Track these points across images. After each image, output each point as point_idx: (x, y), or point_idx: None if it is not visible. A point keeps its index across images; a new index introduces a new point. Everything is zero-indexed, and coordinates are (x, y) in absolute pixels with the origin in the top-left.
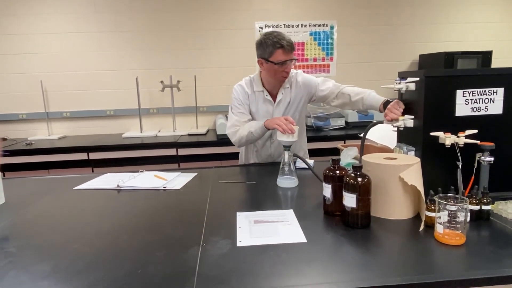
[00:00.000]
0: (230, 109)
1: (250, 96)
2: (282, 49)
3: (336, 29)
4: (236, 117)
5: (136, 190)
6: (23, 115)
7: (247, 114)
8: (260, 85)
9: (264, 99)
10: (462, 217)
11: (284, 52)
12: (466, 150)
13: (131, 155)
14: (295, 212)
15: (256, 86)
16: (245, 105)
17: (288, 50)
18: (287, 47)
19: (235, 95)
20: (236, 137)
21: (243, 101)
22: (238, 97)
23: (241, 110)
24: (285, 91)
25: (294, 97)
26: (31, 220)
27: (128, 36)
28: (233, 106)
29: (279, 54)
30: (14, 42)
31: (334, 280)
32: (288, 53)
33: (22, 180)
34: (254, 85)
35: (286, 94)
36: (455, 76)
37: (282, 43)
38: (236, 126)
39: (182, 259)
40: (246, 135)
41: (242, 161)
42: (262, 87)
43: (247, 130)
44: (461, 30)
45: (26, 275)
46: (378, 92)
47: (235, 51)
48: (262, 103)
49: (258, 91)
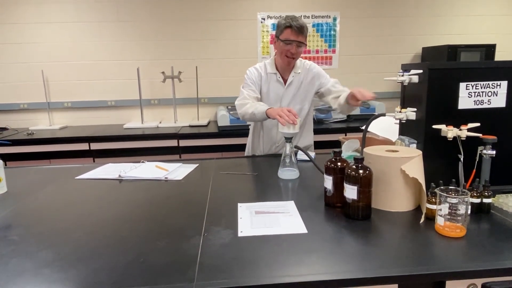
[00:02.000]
0: (242, 87)
1: (263, 77)
2: (290, 29)
3: (339, 20)
4: (247, 92)
5: (137, 181)
6: (24, 105)
7: (257, 93)
8: (273, 68)
9: (276, 80)
10: (463, 210)
11: (292, 32)
12: (468, 143)
13: (132, 146)
14: (296, 203)
15: (270, 69)
16: (256, 85)
17: (295, 31)
18: (294, 28)
19: (248, 75)
20: (241, 110)
21: (256, 81)
22: (251, 77)
23: (252, 88)
24: (295, 75)
25: (304, 83)
26: (33, 209)
27: (130, 26)
28: (245, 84)
29: (287, 33)
30: (15, 31)
31: (335, 270)
32: (295, 34)
33: (24, 170)
34: (268, 67)
35: (296, 78)
36: (458, 68)
37: (291, 24)
38: (246, 99)
39: (183, 248)
40: (250, 114)
41: (249, 150)
42: (275, 70)
43: (251, 110)
44: (465, 23)
45: (29, 262)
46: (381, 84)
47: (237, 42)
48: (273, 84)
49: (271, 73)
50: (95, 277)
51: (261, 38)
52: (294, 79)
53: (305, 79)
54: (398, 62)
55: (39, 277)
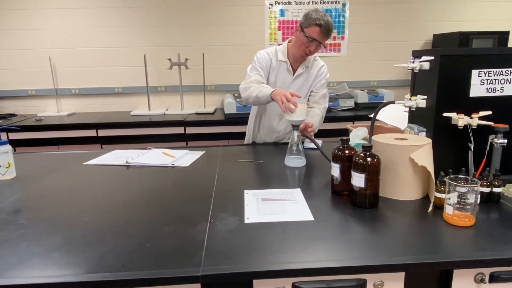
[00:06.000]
0: (249, 69)
1: (273, 64)
2: (320, 28)
3: (348, 6)
4: (254, 77)
5: (144, 167)
6: (33, 91)
7: (264, 79)
8: (285, 56)
9: (286, 69)
10: (472, 199)
11: (319, 32)
12: (478, 132)
13: (139, 133)
14: (303, 191)
15: (281, 56)
16: (265, 70)
17: (322, 32)
18: (323, 29)
19: (258, 58)
20: (245, 94)
21: (265, 66)
22: (260, 61)
23: (260, 73)
24: (305, 68)
25: (310, 77)
26: (42, 194)
27: (137, 13)
28: (253, 68)
29: (314, 31)
30: (22, 18)
31: (341, 257)
32: (322, 35)
33: (32, 155)
34: (279, 54)
35: (305, 71)
36: (471, 55)
37: (321, 23)
38: (251, 83)
39: (190, 234)
40: (254, 97)
41: (249, 137)
42: (286, 58)
43: (255, 93)
44: (477, 9)
45: (38, 246)
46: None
47: (244, 29)
48: (282, 73)
49: (282, 61)
50: (103, 260)
51: (269, 24)
52: (303, 71)
53: (312, 74)
54: (408, 49)
55: (49, 260)
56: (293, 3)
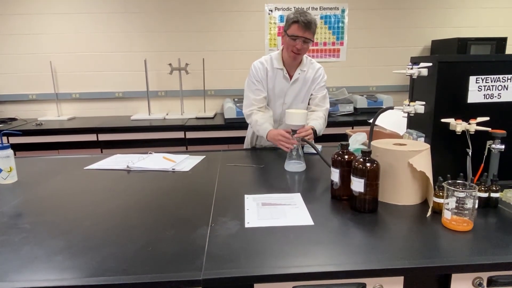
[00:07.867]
0: (247, 86)
1: (269, 72)
2: (297, 24)
3: (347, 12)
4: (253, 96)
5: (145, 171)
6: (33, 96)
7: (263, 91)
8: (280, 63)
9: (282, 76)
10: (470, 204)
11: (299, 28)
12: (476, 138)
13: (140, 137)
14: (303, 195)
15: (276, 64)
16: (262, 82)
17: (302, 27)
18: (301, 23)
19: (253, 72)
20: (249, 121)
21: (261, 78)
22: (256, 74)
23: (258, 87)
24: (301, 72)
25: (308, 81)
26: (44, 198)
27: (137, 18)
28: (250, 83)
29: (294, 29)
30: (23, 22)
31: (341, 261)
32: (302, 30)
33: (33, 159)
34: (274, 62)
35: (302, 75)
36: (469, 62)
37: (299, 19)
38: (253, 106)
39: (191, 238)
40: (254, 131)
41: (248, 142)
42: (282, 65)
43: (255, 128)
44: (475, 16)
45: (40, 250)
46: (389, 77)
47: (244, 34)
48: (279, 80)
49: (278, 68)
50: (105, 264)
51: (269, 30)
52: (299, 76)
53: (309, 77)
54: (406, 55)
55: (51, 264)
56: (292, 9)
